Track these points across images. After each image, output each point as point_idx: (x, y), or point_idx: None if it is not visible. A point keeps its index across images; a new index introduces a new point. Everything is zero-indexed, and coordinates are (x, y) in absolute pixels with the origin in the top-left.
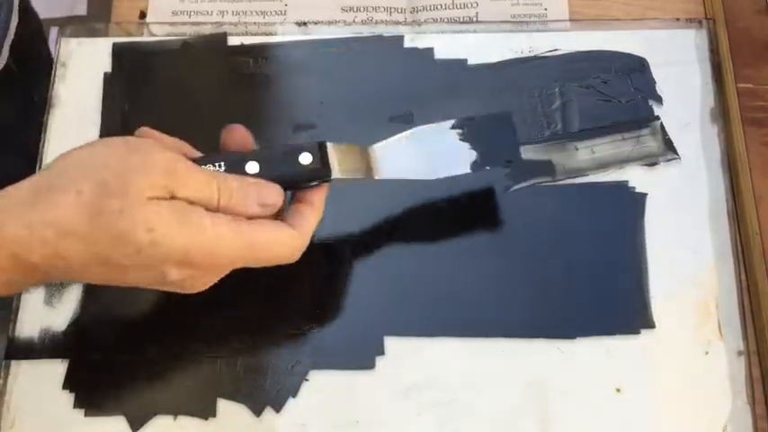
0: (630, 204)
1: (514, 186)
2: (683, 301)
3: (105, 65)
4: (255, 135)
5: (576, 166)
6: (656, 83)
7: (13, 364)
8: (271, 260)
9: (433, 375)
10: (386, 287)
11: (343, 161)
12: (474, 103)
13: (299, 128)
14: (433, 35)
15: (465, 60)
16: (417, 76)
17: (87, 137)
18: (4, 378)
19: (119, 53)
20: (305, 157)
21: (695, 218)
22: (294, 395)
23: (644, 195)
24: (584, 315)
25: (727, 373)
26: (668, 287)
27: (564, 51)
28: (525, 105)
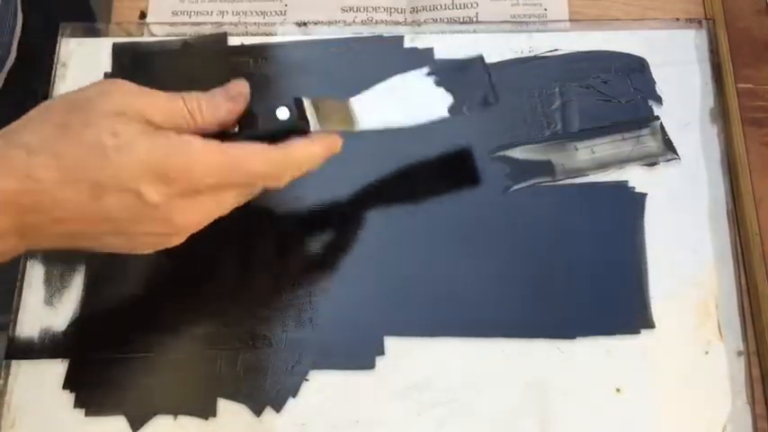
0: (630, 204)
1: (514, 186)
2: (682, 302)
3: (105, 65)
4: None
5: (576, 166)
6: (655, 83)
7: (14, 364)
8: (250, 175)
9: (433, 375)
10: (386, 287)
11: (321, 114)
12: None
13: None
14: (433, 35)
15: None
16: None
17: None
18: (5, 378)
19: (119, 53)
20: (282, 112)
21: (695, 218)
22: (294, 395)
23: (644, 195)
24: (584, 315)
25: (727, 374)
26: (668, 287)
27: (564, 51)
28: (525, 105)
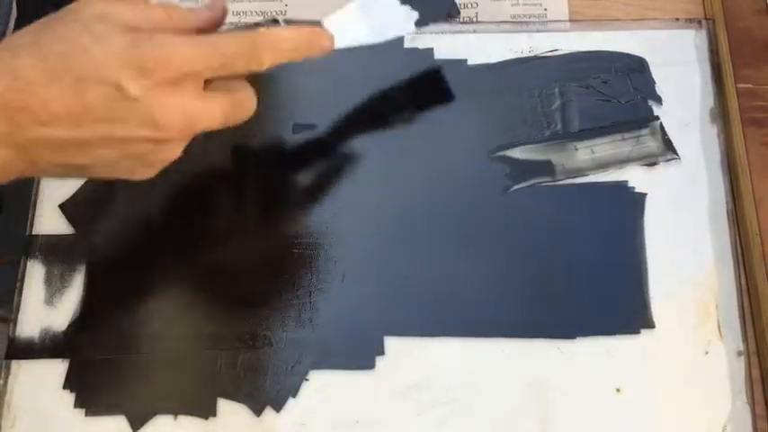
0: (630, 204)
1: (514, 186)
2: (682, 302)
3: None
4: (255, 135)
5: (576, 166)
6: (655, 83)
7: (14, 364)
8: (226, 56)
9: (433, 375)
10: (386, 287)
11: None
12: (474, 103)
13: (298, 127)
14: (433, 35)
15: (465, 60)
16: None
17: None
18: (5, 378)
19: None
20: None
21: (695, 218)
22: (294, 395)
23: (644, 195)
24: (584, 315)
25: (727, 374)
26: (668, 287)
27: (564, 51)
28: (525, 105)
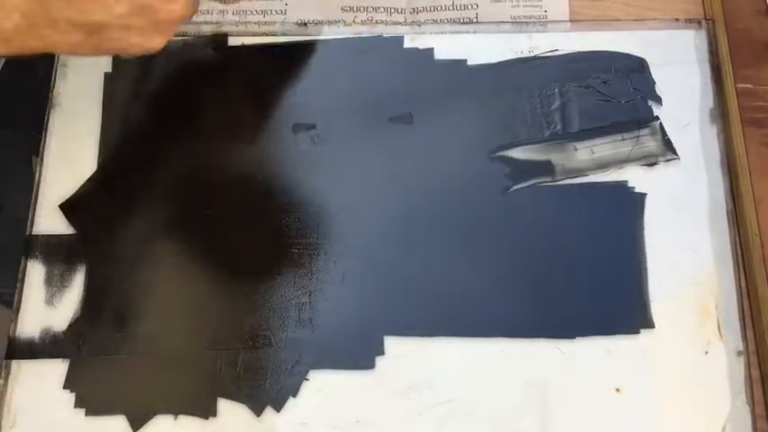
0: (630, 204)
1: (514, 186)
2: (682, 302)
3: (105, 65)
4: (255, 134)
5: (576, 167)
6: (655, 83)
7: (14, 364)
8: None
9: (433, 375)
10: (386, 287)
11: None
12: (474, 103)
13: (298, 127)
14: (432, 35)
15: (465, 61)
16: (417, 76)
17: (87, 137)
18: (5, 378)
19: None
20: None
21: (695, 218)
22: (294, 395)
23: (643, 195)
24: (584, 315)
25: (727, 374)
26: (668, 287)
27: (564, 52)
28: (525, 105)
